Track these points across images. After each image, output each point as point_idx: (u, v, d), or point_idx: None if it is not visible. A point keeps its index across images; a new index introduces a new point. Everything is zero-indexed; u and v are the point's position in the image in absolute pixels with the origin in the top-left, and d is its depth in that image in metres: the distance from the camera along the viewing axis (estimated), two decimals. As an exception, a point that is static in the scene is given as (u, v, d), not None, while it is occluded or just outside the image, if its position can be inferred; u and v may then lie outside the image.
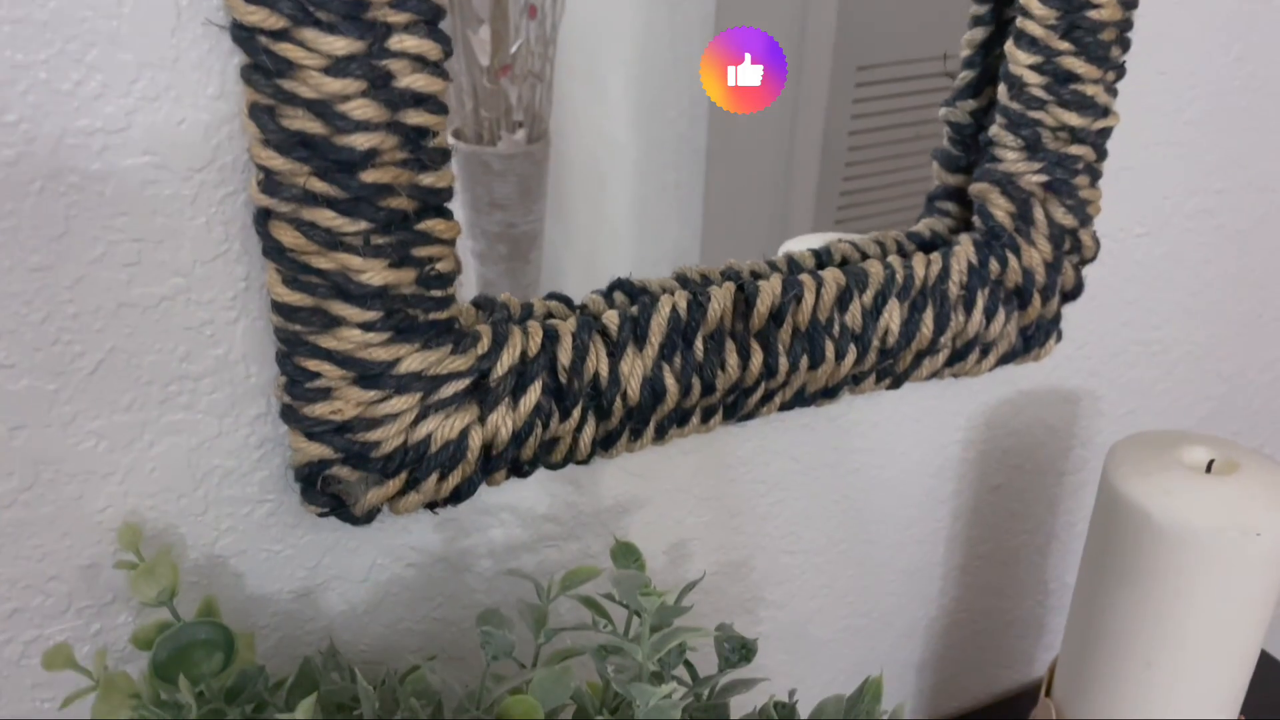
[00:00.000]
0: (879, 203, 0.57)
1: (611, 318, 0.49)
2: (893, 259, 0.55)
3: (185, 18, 0.38)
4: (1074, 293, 0.60)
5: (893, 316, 0.54)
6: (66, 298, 0.40)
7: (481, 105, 0.51)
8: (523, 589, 0.55)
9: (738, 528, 0.61)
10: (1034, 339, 0.60)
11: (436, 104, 0.40)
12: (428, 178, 0.41)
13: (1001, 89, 0.54)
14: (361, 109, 0.38)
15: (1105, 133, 0.56)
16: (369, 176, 0.40)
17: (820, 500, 0.64)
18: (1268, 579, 0.52)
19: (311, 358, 0.42)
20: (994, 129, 0.55)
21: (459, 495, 0.47)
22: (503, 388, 0.46)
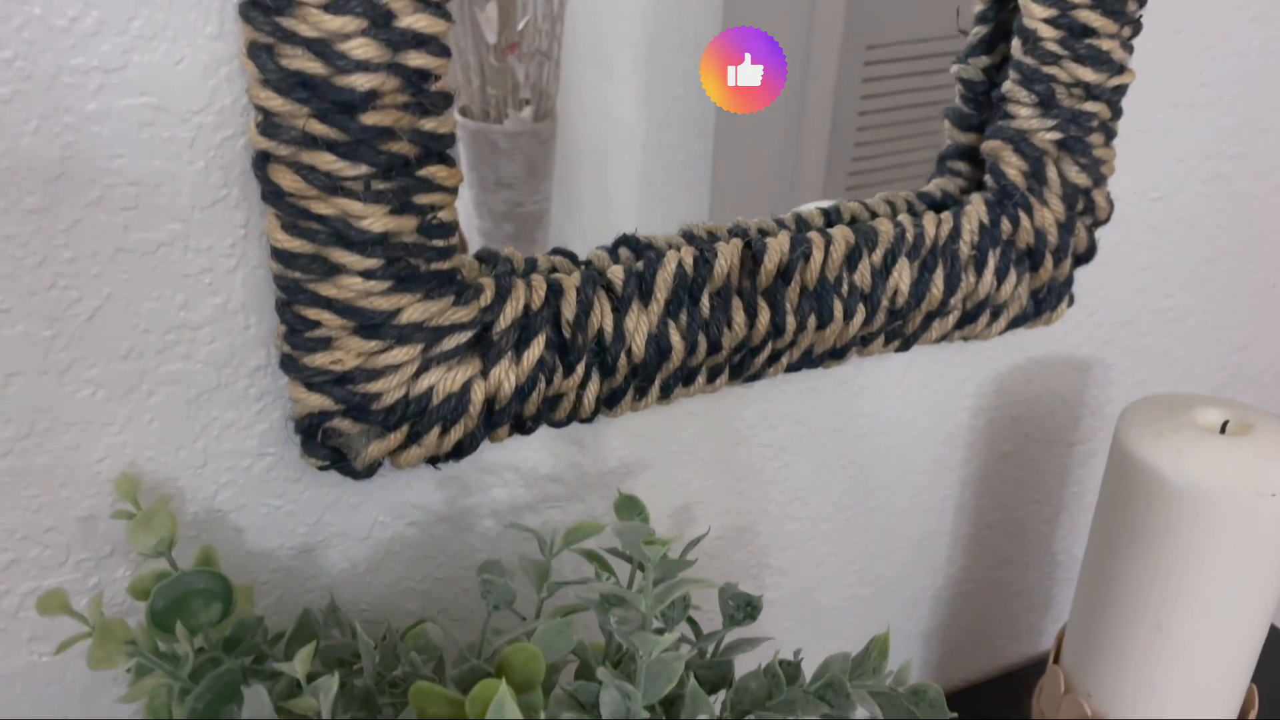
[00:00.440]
0: (887, 184, 0.57)
1: (617, 273, 0.48)
2: (903, 218, 0.54)
3: (183, -46, 0.38)
4: (1087, 255, 0.59)
5: (902, 276, 0.53)
6: (62, 241, 0.40)
7: (488, 83, 0.51)
8: (526, 548, 0.54)
9: (743, 491, 0.61)
10: (1045, 302, 0.59)
11: (438, 46, 0.40)
12: (429, 122, 0.41)
13: (1015, 44, 0.53)
14: (362, 48, 0.38)
15: (1120, 90, 0.55)
16: (369, 119, 0.39)
17: (827, 465, 0.63)
18: (1281, 542, 0.51)
19: (311, 306, 0.42)
20: (1007, 85, 0.54)
21: (461, 450, 0.47)
22: (506, 341, 0.45)
